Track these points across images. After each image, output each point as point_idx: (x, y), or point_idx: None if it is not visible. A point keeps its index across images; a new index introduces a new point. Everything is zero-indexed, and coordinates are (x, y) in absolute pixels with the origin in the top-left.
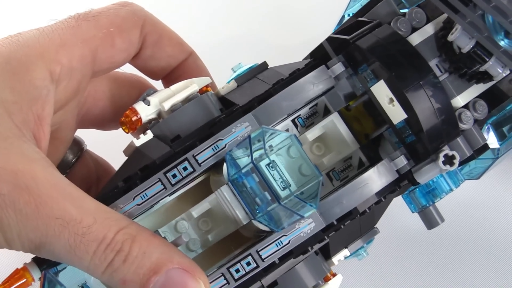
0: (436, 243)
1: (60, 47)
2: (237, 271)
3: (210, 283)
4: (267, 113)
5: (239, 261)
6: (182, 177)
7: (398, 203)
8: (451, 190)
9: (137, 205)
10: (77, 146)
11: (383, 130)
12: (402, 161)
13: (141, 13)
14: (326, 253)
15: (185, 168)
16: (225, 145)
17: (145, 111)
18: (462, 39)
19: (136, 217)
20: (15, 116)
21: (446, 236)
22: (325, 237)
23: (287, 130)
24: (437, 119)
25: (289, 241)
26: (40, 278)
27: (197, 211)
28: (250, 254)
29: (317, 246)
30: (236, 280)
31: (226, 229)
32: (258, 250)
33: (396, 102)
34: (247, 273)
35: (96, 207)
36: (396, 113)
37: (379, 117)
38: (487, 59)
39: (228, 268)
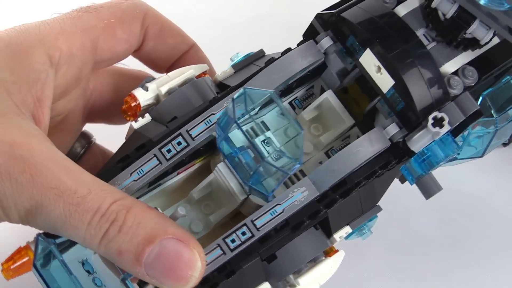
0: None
1: (60, 34)
2: (233, 241)
3: (207, 254)
4: (258, 86)
5: (234, 232)
6: (176, 152)
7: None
8: (447, 156)
9: (134, 180)
10: (86, 139)
11: (376, 102)
12: (393, 128)
13: (143, 6)
14: (327, 230)
15: (179, 143)
16: (217, 119)
17: (143, 96)
18: (444, 4)
19: (141, 197)
20: (14, 95)
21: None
22: (321, 207)
23: (282, 113)
24: (424, 83)
25: (283, 209)
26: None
27: (197, 192)
28: (245, 224)
29: (316, 220)
30: (232, 250)
31: (227, 209)
32: (252, 219)
33: (383, 69)
34: (242, 243)
35: (92, 180)
36: (384, 81)
37: (372, 92)
38: (471, 23)
39: (224, 239)
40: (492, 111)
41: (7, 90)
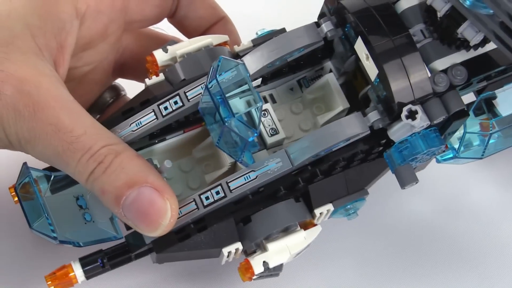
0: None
1: None
2: (207, 198)
3: (182, 206)
4: (253, 60)
5: (209, 190)
6: (172, 110)
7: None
8: (427, 150)
9: (132, 131)
10: (116, 90)
11: (366, 89)
12: (374, 115)
13: None
14: (309, 205)
15: (175, 102)
16: (212, 85)
17: (161, 57)
18: (438, 2)
19: (144, 148)
20: (38, 38)
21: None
22: (299, 179)
23: (291, 89)
24: (405, 75)
25: (257, 176)
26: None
27: (199, 151)
28: (220, 184)
29: (294, 192)
30: (205, 207)
31: (220, 171)
32: (227, 181)
33: (370, 58)
34: (215, 201)
35: (91, 123)
36: (371, 69)
37: (369, 79)
38: (462, 23)
39: (199, 195)
40: (486, 115)
41: (32, 33)
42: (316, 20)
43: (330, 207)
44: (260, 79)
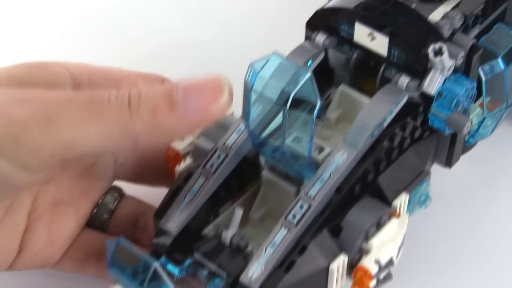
0: None
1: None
2: (294, 216)
3: (273, 238)
4: None
5: (292, 209)
6: (219, 164)
7: None
8: (465, 91)
9: (189, 202)
10: (117, 191)
11: (382, 71)
12: (404, 78)
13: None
14: (384, 199)
15: (218, 156)
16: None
17: (180, 145)
18: None
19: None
20: None
21: None
22: (368, 168)
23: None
24: (415, 28)
25: (330, 174)
26: None
27: (256, 212)
28: (299, 198)
29: (367, 186)
30: (296, 225)
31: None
32: (305, 192)
33: (375, 32)
34: (303, 215)
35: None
36: (380, 44)
37: (378, 68)
38: None
39: (285, 218)
40: (500, 58)
41: None
42: None
43: (405, 196)
44: None
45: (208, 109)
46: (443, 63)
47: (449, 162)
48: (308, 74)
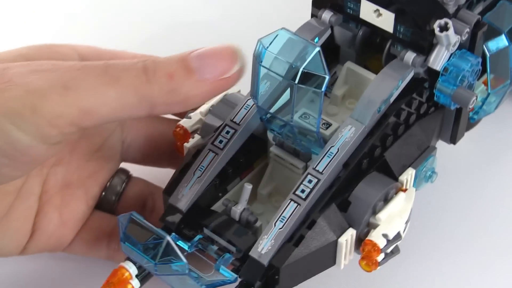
0: None
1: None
2: (303, 191)
3: (282, 212)
4: None
5: (301, 183)
6: (228, 139)
7: None
8: (470, 66)
9: (198, 177)
10: (125, 173)
11: (388, 47)
12: (410, 54)
13: None
14: (391, 175)
15: (227, 132)
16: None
17: (188, 123)
18: None
19: (212, 206)
20: None
21: None
22: (375, 143)
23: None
24: (418, 3)
25: (338, 149)
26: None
27: (264, 188)
28: (308, 173)
29: (374, 161)
30: (305, 199)
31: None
32: (314, 167)
33: (381, 9)
34: (312, 189)
35: None
36: (386, 20)
37: (384, 43)
38: None
39: (294, 193)
40: (504, 34)
41: None
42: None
43: (411, 171)
44: None
45: (224, 75)
46: (449, 39)
47: (453, 139)
48: (317, 49)
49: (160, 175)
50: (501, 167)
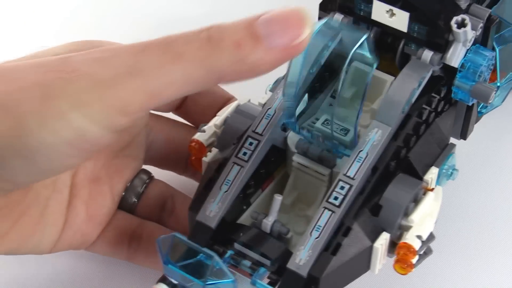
0: None
1: None
2: (335, 198)
3: (317, 222)
4: None
5: (333, 191)
6: (252, 151)
7: None
8: (487, 61)
9: (225, 192)
10: (146, 173)
11: (402, 46)
12: (428, 53)
13: None
14: (416, 175)
15: (250, 143)
16: (275, 110)
17: (203, 137)
18: None
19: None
20: None
21: None
22: (400, 146)
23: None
24: (430, 0)
25: (367, 153)
26: None
27: (287, 197)
28: (339, 180)
29: (400, 162)
30: (339, 206)
31: (319, 197)
32: (344, 173)
33: (394, 9)
34: (345, 196)
35: None
36: (400, 20)
37: (396, 43)
38: None
39: (327, 201)
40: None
41: None
42: None
43: (434, 169)
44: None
45: (293, 42)
46: (466, 35)
47: (464, 134)
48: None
49: (174, 179)
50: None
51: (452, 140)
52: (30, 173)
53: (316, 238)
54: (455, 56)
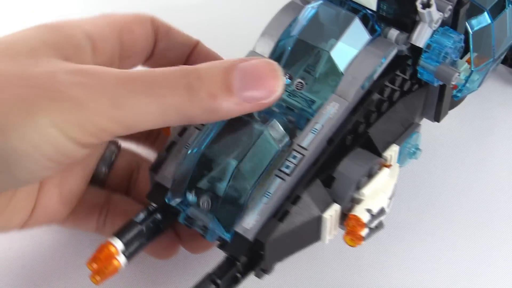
0: None
1: (91, 24)
2: (287, 166)
3: (268, 188)
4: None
5: (285, 159)
6: (295, 165)
7: None
8: (453, 43)
9: (264, 204)
10: (114, 144)
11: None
12: (394, 32)
13: (147, 14)
14: (375, 151)
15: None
16: None
17: None
18: None
19: None
20: (59, 51)
21: None
22: (359, 120)
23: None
24: None
25: (322, 125)
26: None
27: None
28: (293, 149)
29: (358, 137)
30: (290, 175)
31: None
32: (298, 143)
33: None
34: (296, 165)
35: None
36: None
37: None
38: None
39: (279, 169)
40: (486, 11)
41: (53, 47)
42: None
43: (395, 147)
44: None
45: (264, 99)
46: (431, 16)
47: (437, 117)
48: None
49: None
50: (484, 143)
51: (429, 123)
52: (6, 183)
53: (265, 203)
54: (421, 37)
